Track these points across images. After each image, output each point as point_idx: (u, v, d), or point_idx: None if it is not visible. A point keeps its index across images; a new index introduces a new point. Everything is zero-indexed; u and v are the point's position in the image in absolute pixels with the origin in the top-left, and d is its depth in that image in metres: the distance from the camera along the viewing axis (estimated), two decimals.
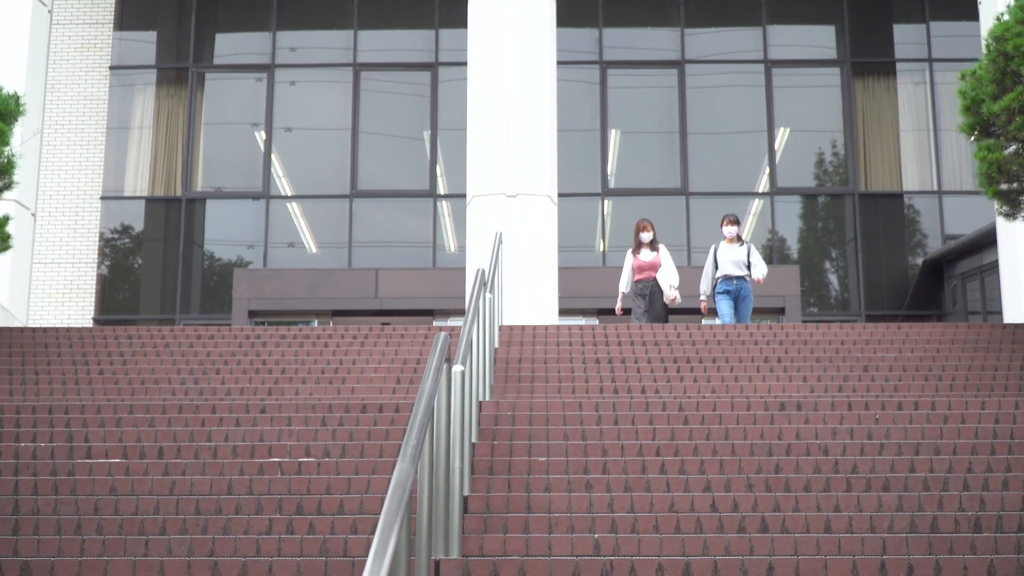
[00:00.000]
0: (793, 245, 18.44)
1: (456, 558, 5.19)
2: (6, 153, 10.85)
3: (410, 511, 4.07)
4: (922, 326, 10.85)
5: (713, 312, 12.96)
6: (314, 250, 18.53)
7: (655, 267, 12.60)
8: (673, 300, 12.50)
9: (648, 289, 12.54)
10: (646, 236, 12.72)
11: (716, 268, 12.71)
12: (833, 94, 18.71)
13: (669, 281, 12.49)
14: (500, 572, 5.13)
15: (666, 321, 12.52)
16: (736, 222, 12.83)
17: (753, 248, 12.84)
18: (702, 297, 12.88)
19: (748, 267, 12.59)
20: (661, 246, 12.81)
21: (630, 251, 12.90)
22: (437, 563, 5.11)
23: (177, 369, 9.49)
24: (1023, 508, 5.86)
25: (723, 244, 12.80)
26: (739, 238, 12.79)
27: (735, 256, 12.64)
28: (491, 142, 14.17)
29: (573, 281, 16.72)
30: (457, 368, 5.58)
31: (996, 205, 11.20)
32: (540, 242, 13.90)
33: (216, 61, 19.12)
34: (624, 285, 12.83)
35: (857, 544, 5.36)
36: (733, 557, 5.22)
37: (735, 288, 12.56)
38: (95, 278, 18.17)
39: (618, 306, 13.00)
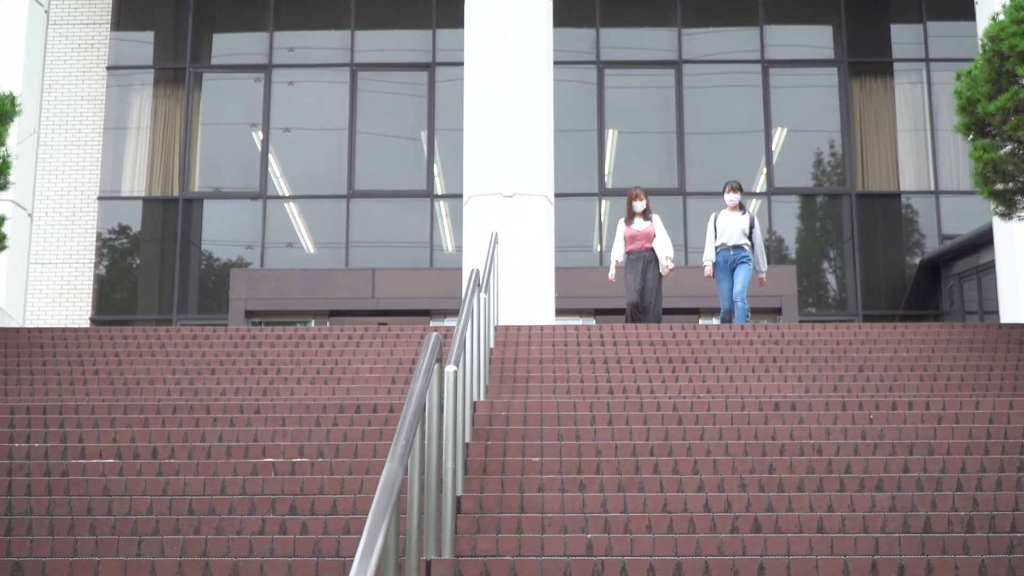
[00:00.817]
0: (790, 245, 18.43)
1: (447, 558, 5.19)
2: (1, 153, 10.86)
3: (399, 511, 4.06)
4: (918, 326, 10.84)
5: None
6: (311, 250, 18.52)
7: (648, 237, 12.28)
8: (669, 272, 12.26)
9: (641, 260, 12.21)
10: (639, 205, 12.41)
11: (716, 236, 12.30)
12: (830, 94, 18.72)
13: (665, 252, 12.21)
14: (491, 572, 5.13)
15: (659, 293, 12.24)
16: (738, 189, 12.41)
17: (756, 220, 12.41)
18: (705, 262, 12.43)
19: (749, 237, 12.23)
20: (655, 216, 12.50)
21: (622, 220, 12.56)
22: (428, 563, 5.11)
23: (172, 369, 9.49)
24: (1016, 508, 5.86)
25: (724, 212, 12.40)
26: (741, 206, 12.40)
27: (737, 224, 12.25)
28: (488, 142, 14.16)
29: (570, 281, 16.72)
30: (449, 368, 5.57)
31: (992, 205, 11.20)
32: (537, 242, 13.89)
33: (213, 61, 19.12)
34: (617, 254, 12.48)
35: (849, 544, 5.36)
36: (724, 557, 5.22)
37: (732, 257, 12.15)
38: (92, 278, 18.16)
39: (611, 273, 12.65)
